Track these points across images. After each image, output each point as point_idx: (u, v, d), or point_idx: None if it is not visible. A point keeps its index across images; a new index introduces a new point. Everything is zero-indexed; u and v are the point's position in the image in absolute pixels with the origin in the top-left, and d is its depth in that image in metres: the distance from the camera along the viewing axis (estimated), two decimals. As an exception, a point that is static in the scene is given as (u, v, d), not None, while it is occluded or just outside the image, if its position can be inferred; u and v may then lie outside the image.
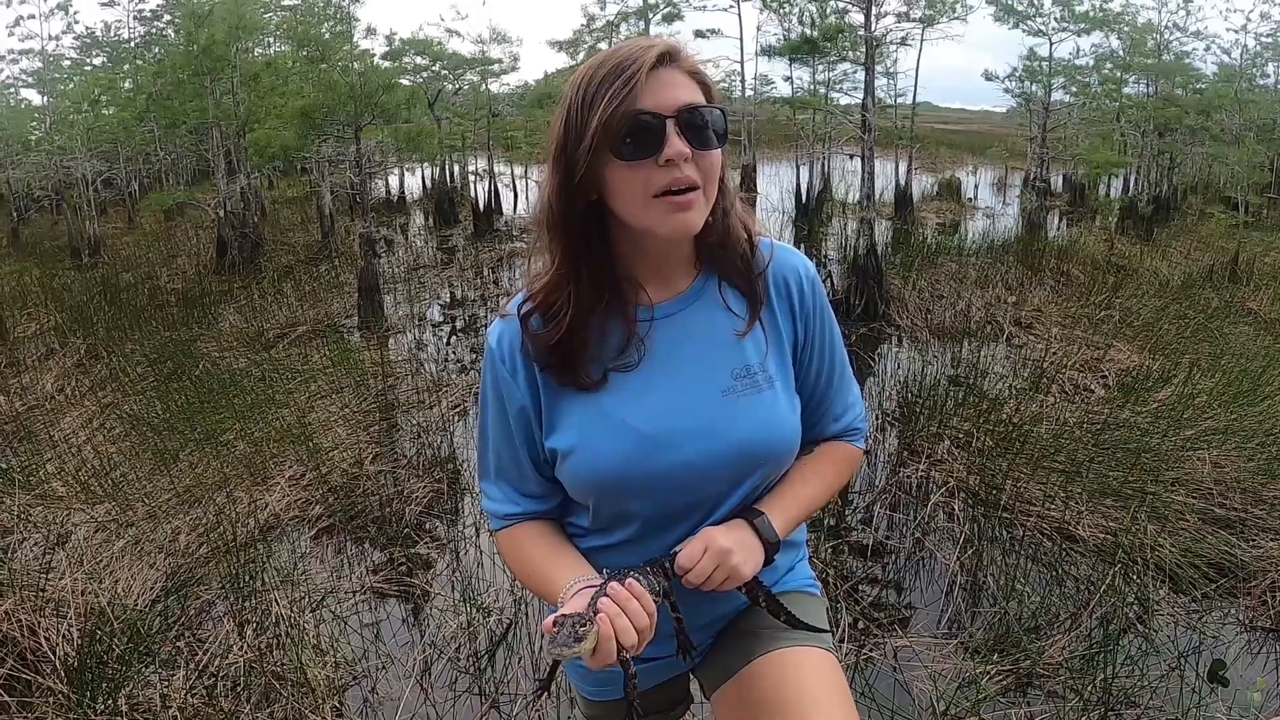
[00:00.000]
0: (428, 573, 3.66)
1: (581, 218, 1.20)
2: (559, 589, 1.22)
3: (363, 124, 8.71)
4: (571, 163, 1.15)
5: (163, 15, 16.71)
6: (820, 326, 1.33)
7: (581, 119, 1.14)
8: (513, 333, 1.26)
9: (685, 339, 1.26)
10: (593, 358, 1.24)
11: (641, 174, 1.14)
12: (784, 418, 1.27)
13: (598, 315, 1.23)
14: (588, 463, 1.23)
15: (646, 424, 1.22)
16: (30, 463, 4.77)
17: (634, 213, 1.17)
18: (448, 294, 9.89)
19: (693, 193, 1.15)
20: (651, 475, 1.23)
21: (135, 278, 10.61)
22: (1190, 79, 13.90)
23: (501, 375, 1.27)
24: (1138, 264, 9.94)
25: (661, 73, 1.14)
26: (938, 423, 4.70)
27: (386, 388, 5.75)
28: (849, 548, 3.72)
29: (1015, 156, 20.23)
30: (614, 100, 1.11)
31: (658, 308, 1.27)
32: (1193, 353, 6.03)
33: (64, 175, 15.05)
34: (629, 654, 1.09)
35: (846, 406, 1.39)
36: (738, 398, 1.24)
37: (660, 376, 1.25)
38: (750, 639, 1.35)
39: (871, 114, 8.20)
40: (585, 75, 1.15)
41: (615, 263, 1.25)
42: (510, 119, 17.54)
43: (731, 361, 1.26)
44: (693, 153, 1.14)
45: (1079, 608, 3.14)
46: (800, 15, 14.69)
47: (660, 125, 1.12)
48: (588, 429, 1.24)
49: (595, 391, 1.24)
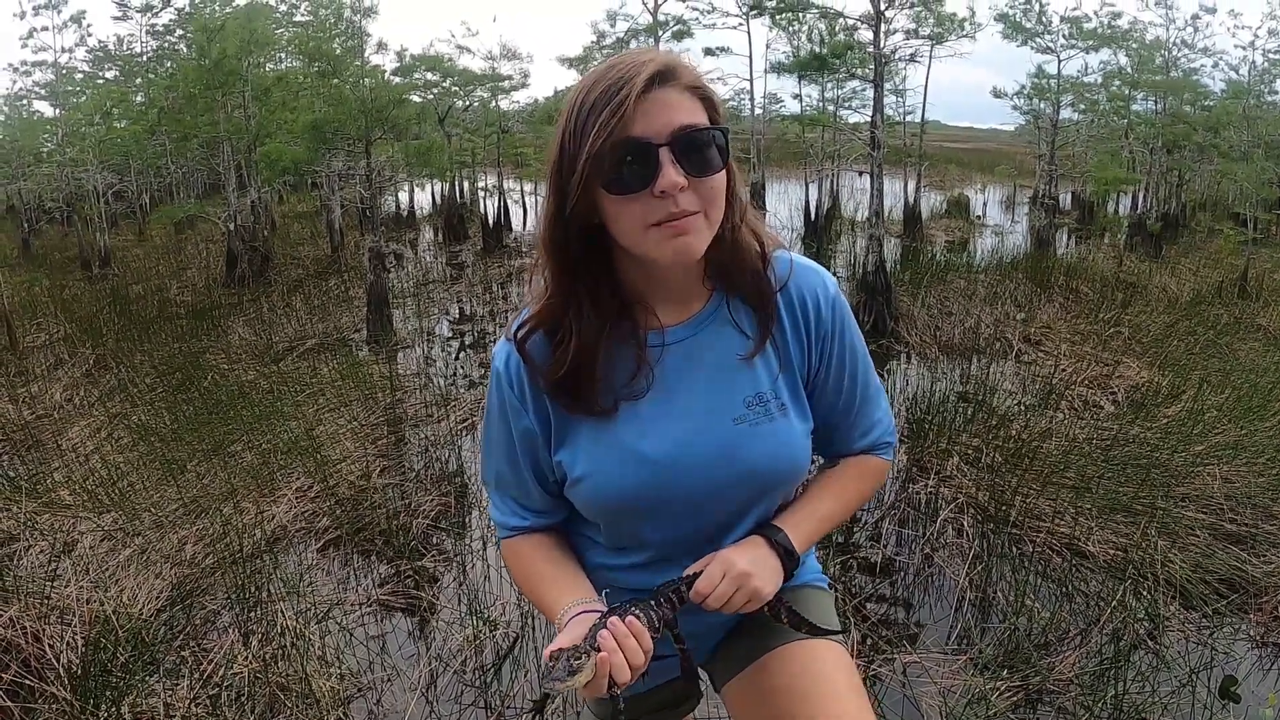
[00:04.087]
0: (434, 586, 3.64)
1: (578, 244, 1.16)
2: (558, 609, 1.20)
3: (373, 139, 8.75)
4: (564, 191, 1.11)
5: (175, 30, 16.83)
6: (841, 348, 1.29)
7: (573, 148, 1.09)
8: (519, 356, 1.24)
9: (697, 364, 1.24)
10: (603, 386, 1.20)
11: (636, 206, 1.09)
12: (796, 444, 1.25)
13: (606, 341, 1.20)
14: (599, 490, 1.22)
15: (658, 452, 1.20)
16: (38, 471, 4.78)
17: (631, 242, 1.13)
18: (457, 309, 9.91)
19: (692, 217, 1.10)
20: (663, 502, 1.22)
21: (145, 290, 10.66)
22: (1199, 96, 13.89)
23: (509, 399, 1.25)
24: (1147, 281, 9.92)
25: (655, 94, 1.08)
26: (947, 439, 4.67)
27: (395, 402, 5.74)
28: (858, 564, 3.70)
29: (1024, 174, 20.30)
30: (603, 131, 1.05)
31: (669, 332, 1.24)
32: (1202, 369, 6.00)
33: (75, 187, 15.17)
34: (619, 689, 1.08)
35: (874, 423, 1.35)
36: (751, 426, 1.22)
37: (672, 403, 1.22)
38: (765, 632, 1.33)
39: (880, 131, 8.21)
40: (578, 98, 1.10)
41: (620, 286, 1.22)
42: (520, 135, 17.59)
43: (744, 387, 1.23)
44: (691, 180, 1.08)
45: (1089, 623, 3.11)
46: (809, 33, 14.78)
47: (652, 154, 1.07)
48: (599, 456, 1.22)
49: (606, 419, 1.21)
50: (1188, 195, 16.92)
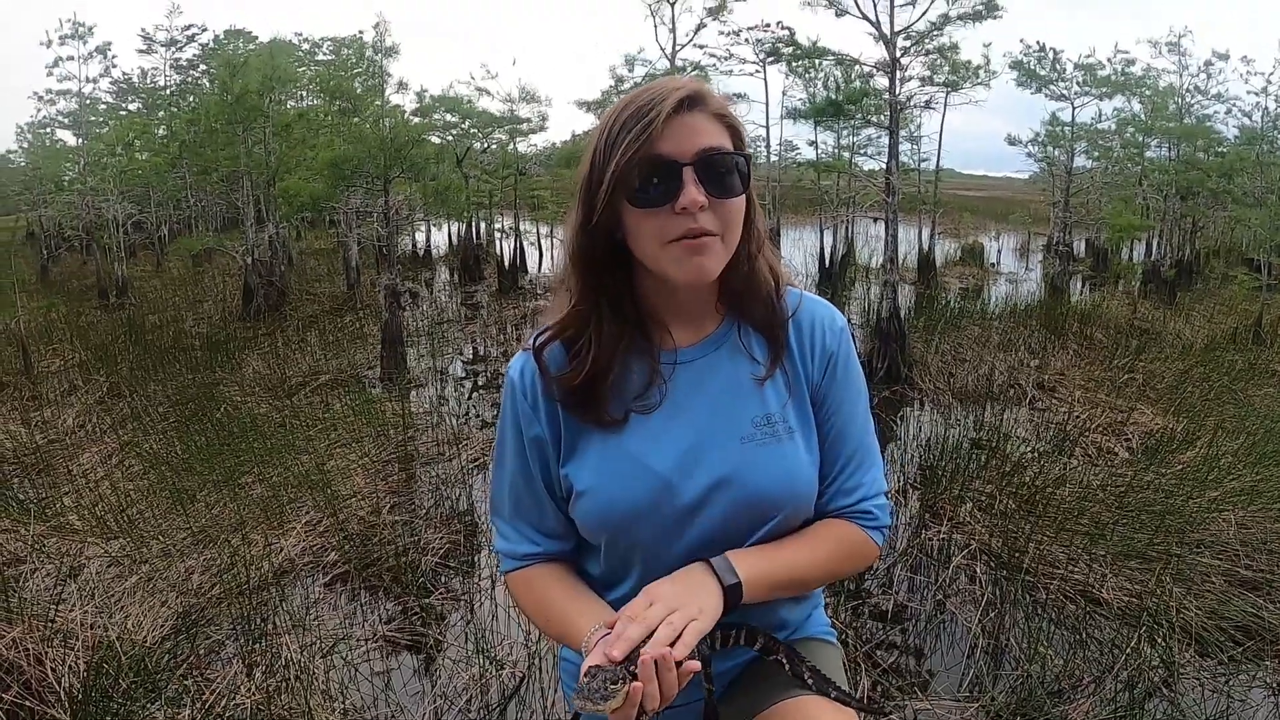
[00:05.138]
0: (441, 624, 3.61)
1: (603, 254, 1.20)
2: (581, 632, 1.18)
3: (391, 177, 8.83)
4: (592, 203, 1.16)
5: (199, 64, 17.15)
6: (845, 377, 1.29)
7: (602, 161, 1.14)
8: (534, 365, 1.25)
9: (707, 384, 1.25)
10: (616, 396, 1.23)
11: (657, 221, 1.13)
12: (802, 469, 1.24)
13: (622, 353, 1.22)
14: (604, 501, 1.22)
15: (665, 467, 1.21)
16: (47, 495, 4.78)
17: (650, 256, 1.17)
18: (470, 349, 9.93)
19: (709, 237, 1.14)
20: (666, 517, 1.21)
21: (161, 320, 10.75)
22: (1212, 142, 13.93)
23: (522, 407, 1.27)
24: (1161, 327, 9.90)
25: (684, 117, 1.13)
26: (960, 485, 4.64)
27: (407, 439, 5.75)
28: (869, 611, 3.66)
29: (1038, 221, 20.32)
30: (632, 145, 1.10)
31: (681, 352, 1.26)
32: (1217, 415, 5.95)
33: (95, 216, 15.36)
34: (646, 718, 1.06)
35: (859, 484, 1.29)
36: (757, 446, 1.22)
37: (680, 420, 1.23)
38: (773, 683, 1.30)
39: (895, 177, 8.25)
40: (612, 116, 1.15)
41: (639, 301, 1.25)
42: (537, 179, 17.73)
43: (752, 409, 1.24)
44: (711, 200, 1.13)
45: (1103, 671, 3.06)
46: (826, 79, 14.92)
47: (676, 172, 1.11)
48: (606, 467, 1.22)
49: (616, 430, 1.23)
50: (1202, 241, 16.93)
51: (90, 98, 15.92)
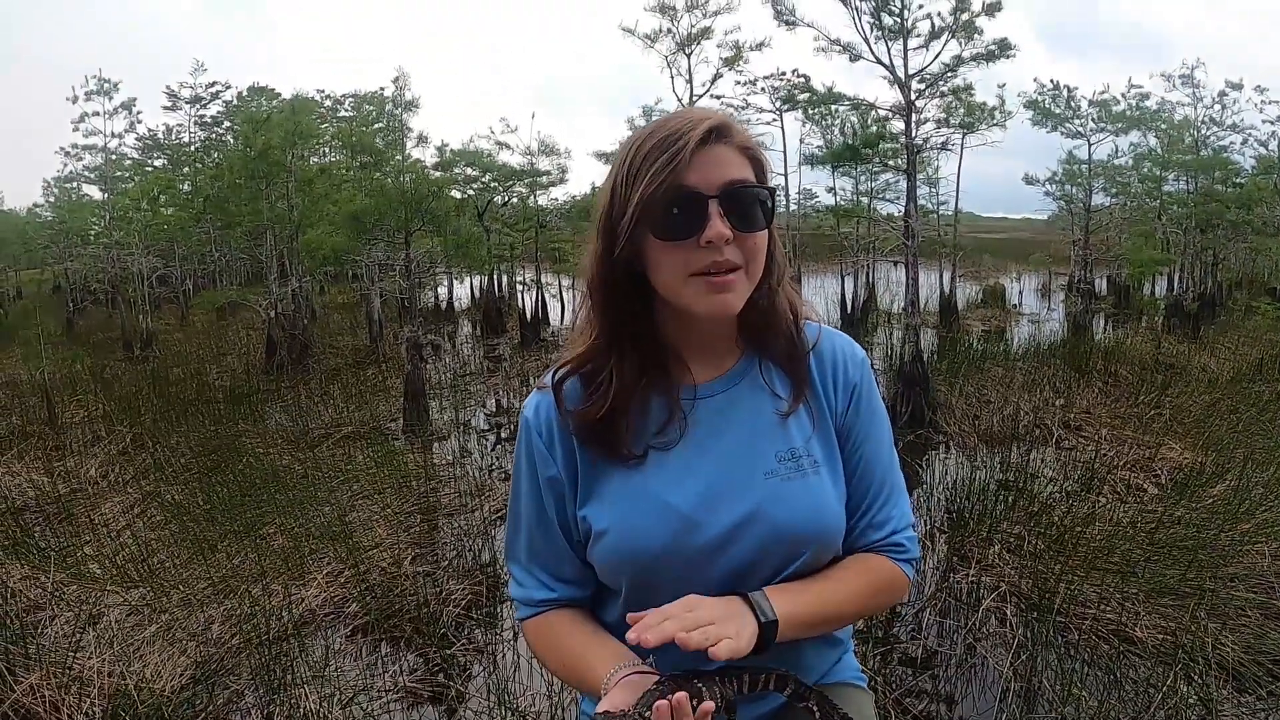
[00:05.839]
0: (463, 675, 3.57)
1: (624, 285, 1.18)
2: (600, 676, 1.15)
3: (412, 230, 8.91)
4: (613, 233, 1.14)
5: (223, 121, 17.50)
6: (869, 409, 1.28)
7: (625, 191, 1.12)
8: (549, 404, 1.23)
9: (728, 419, 1.22)
10: (635, 432, 1.20)
11: (681, 254, 1.11)
12: (829, 503, 1.21)
13: (642, 388, 1.20)
14: (626, 541, 1.18)
15: (687, 504, 1.17)
16: (69, 544, 4.79)
17: (672, 290, 1.15)
18: (493, 402, 9.91)
19: (733, 273, 1.12)
20: (690, 556, 1.17)
21: (184, 372, 10.82)
22: (1230, 173, 13.88)
23: (537, 446, 1.24)
24: (1186, 361, 9.78)
25: (710, 149, 1.11)
26: (988, 527, 4.58)
27: (429, 491, 5.73)
28: (898, 657, 3.59)
29: (1058, 261, 20.29)
30: (657, 177, 1.08)
31: (700, 387, 1.23)
32: (1246, 446, 5.84)
33: (120, 270, 15.63)
34: None
35: (888, 518, 1.27)
36: (782, 481, 1.19)
37: (702, 456, 1.20)
38: None
39: (915, 220, 8.24)
40: (634, 144, 1.13)
41: (658, 335, 1.22)
42: (557, 231, 17.85)
43: (775, 444, 1.21)
44: (735, 234, 1.11)
45: (1139, 711, 2.98)
46: (842, 125, 15.05)
47: (702, 205, 1.10)
48: (626, 506, 1.19)
49: (635, 468, 1.20)
50: (1223, 273, 16.81)
51: (116, 153, 16.27)
